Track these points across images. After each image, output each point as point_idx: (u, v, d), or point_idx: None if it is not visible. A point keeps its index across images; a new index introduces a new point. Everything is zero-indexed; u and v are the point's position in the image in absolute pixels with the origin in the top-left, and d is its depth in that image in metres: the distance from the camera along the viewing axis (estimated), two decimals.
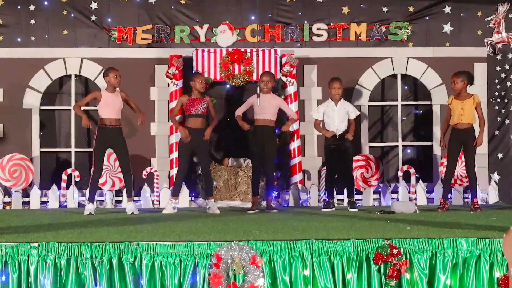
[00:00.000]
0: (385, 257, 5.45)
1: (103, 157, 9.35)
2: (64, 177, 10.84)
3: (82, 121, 9.13)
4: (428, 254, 5.54)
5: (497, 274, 5.50)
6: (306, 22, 11.33)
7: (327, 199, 9.88)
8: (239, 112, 9.80)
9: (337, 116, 9.72)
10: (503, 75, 11.38)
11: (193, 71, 10.82)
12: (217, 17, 11.31)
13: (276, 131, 9.91)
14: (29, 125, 11.13)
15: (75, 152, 11.30)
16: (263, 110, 9.65)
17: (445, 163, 9.76)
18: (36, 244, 5.47)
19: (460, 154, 9.61)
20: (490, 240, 5.57)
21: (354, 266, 5.50)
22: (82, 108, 9.46)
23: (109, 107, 9.16)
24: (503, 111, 11.39)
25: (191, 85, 9.57)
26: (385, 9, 11.36)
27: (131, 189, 9.36)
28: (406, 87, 11.58)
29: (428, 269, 5.53)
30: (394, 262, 5.44)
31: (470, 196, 9.67)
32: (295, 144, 10.97)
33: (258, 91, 9.66)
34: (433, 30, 11.43)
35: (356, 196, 10.17)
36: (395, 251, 5.46)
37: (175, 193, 9.56)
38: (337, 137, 9.71)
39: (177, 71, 10.86)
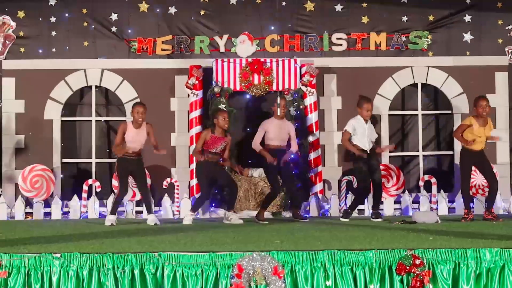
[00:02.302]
0: (407, 267, 5.42)
1: (127, 182, 9.59)
2: (85, 187, 10.87)
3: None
4: (451, 265, 5.50)
5: None
6: (325, 31, 11.32)
7: (347, 209, 9.81)
8: (257, 145, 9.71)
9: (368, 134, 9.59)
10: None
11: (213, 82, 10.85)
12: (236, 27, 11.33)
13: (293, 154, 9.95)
14: (50, 136, 11.19)
15: (96, 162, 11.34)
16: (276, 136, 9.70)
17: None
18: (58, 255, 5.49)
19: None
20: None
21: (376, 276, 5.47)
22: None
23: (132, 141, 9.27)
24: None
25: (214, 122, 9.58)
26: (405, 18, 11.33)
27: (150, 205, 9.45)
28: (427, 99, 11.51)
29: (452, 279, 5.49)
30: (417, 272, 5.41)
31: (486, 206, 9.55)
32: (315, 154, 10.94)
33: (278, 101, 9.70)
34: (453, 39, 11.37)
35: None
36: (418, 262, 5.43)
37: (194, 210, 9.65)
38: (368, 152, 9.59)
39: (197, 82, 10.88)
